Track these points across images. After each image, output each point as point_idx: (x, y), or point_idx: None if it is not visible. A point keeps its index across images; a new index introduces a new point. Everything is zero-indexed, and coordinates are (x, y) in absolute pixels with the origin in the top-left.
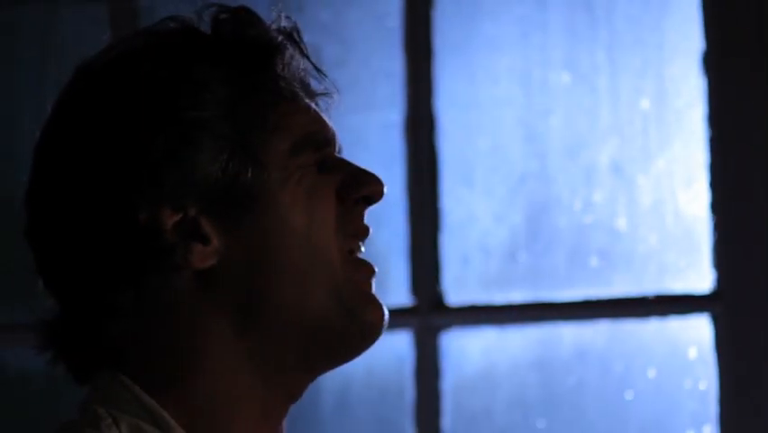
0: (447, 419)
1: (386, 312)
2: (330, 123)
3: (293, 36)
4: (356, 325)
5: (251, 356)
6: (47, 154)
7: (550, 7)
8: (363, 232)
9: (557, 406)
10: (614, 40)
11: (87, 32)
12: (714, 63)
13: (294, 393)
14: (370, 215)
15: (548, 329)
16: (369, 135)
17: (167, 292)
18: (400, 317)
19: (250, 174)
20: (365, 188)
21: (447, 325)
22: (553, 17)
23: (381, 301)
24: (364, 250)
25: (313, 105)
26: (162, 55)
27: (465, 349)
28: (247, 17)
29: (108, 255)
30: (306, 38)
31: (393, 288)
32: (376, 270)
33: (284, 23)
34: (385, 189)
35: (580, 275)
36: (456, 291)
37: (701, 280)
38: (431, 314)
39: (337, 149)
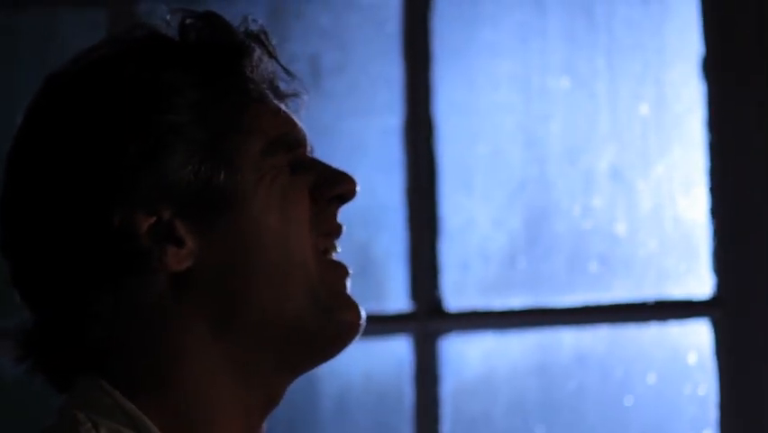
0: (446, 425)
1: (362, 312)
2: (300, 123)
3: (260, 38)
4: (332, 325)
5: (229, 358)
6: (19, 162)
7: (549, 13)
8: (337, 231)
9: (557, 411)
10: (613, 45)
11: (87, 36)
12: (713, 68)
13: (273, 395)
14: (370, 220)
15: (547, 335)
16: (368, 141)
17: (143, 296)
18: (399, 322)
19: (222, 177)
20: (338, 187)
21: (446, 330)
22: (552, 23)
23: (357, 302)
24: (339, 250)
25: (283, 106)
26: (132, 61)
27: (464, 355)
28: (214, 21)
29: (84, 261)
30: (305, 43)
31: (392, 293)
32: (350, 271)
33: (252, 26)
34: (357, 188)
35: (580, 280)
36: (455, 297)
37: (701, 285)
38: (430, 319)
39: (309, 149)
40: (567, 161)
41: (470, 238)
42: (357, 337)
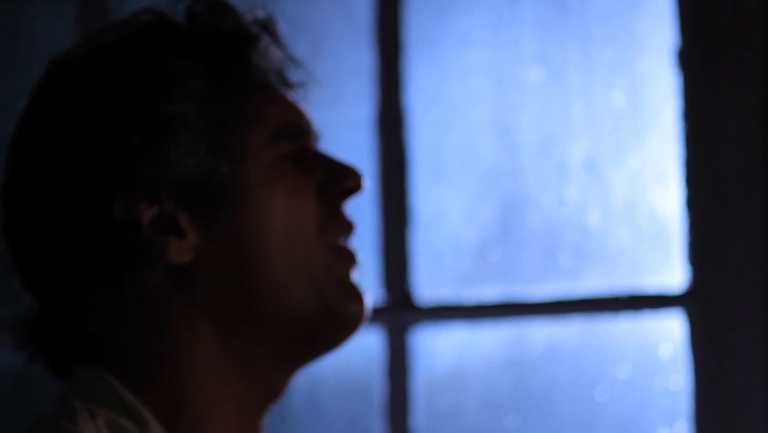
0: (418, 418)
1: (366, 302)
2: (307, 112)
3: (268, 27)
4: (335, 318)
5: (229, 352)
6: (22, 149)
7: (522, 2)
8: (348, 229)
9: (529, 404)
10: (587, 35)
11: (56, 28)
12: (688, 59)
13: (275, 389)
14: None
15: (520, 327)
16: (338, 131)
17: (144, 288)
18: (371, 315)
19: (226, 168)
20: (344, 182)
21: (418, 322)
22: (525, 12)
23: (362, 291)
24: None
25: (289, 95)
26: (137, 48)
27: (436, 347)
28: (221, 8)
29: (85, 251)
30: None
31: (363, 285)
32: (358, 259)
33: (259, 14)
34: (365, 181)
35: (553, 272)
36: (427, 289)
37: (675, 277)
38: (401, 312)
39: (315, 138)
40: (540, 151)
41: (442, 230)
42: (360, 328)
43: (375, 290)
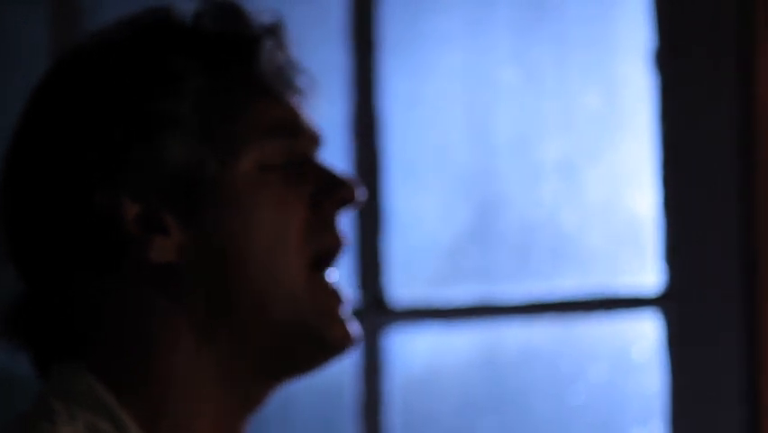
0: (392, 421)
1: (352, 331)
2: (309, 118)
3: (275, 31)
4: (316, 342)
5: (208, 359)
6: (22, 139)
7: (498, 3)
8: (336, 246)
9: (505, 405)
10: (562, 36)
11: (28, 28)
12: (664, 60)
13: (253, 400)
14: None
15: (495, 329)
16: None
17: (126, 285)
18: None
19: (217, 169)
20: (336, 194)
21: (392, 324)
22: (500, 13)
23: (349, 321)
24: (335, 271)
25: (292, 100)
26: (138, 44)
27: (410, 349)
28: (229, 9)
29: (67, 243)
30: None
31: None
32: (344, 298)
33: (268, 18)
34: (359, 194)
35: (528, 273)
36: (401, 290)
37: (651, 278)
38: (376, 313)
39: (314, 142)
40: (515, 153)
41: (417, 231)
42: (344, 355)
43: (349, 291)
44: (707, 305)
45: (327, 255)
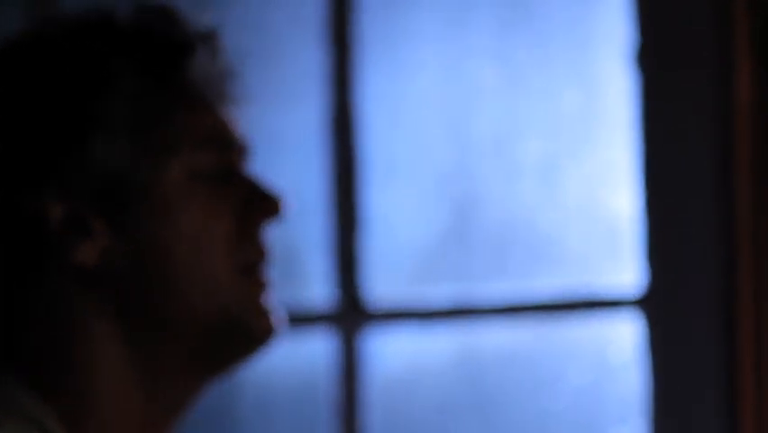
0: (370, 423)
1: (277, 320)
2: (239, 128)
3: (211, 38)
4: (240, 335)
5: (134, 362)
6: None
7: (477, 1)
8: (259, 255)
9: (484, 408)
10: (542, 34)
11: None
12: (645, 59)
13: (181, 402)
14: (290, 214)
15: (474, 330)
16: (289, 131)
17: (49, 288)
18: (321, 318)
19: (146, 174)
20: (261, 206)
21: (370, 325)
22: (479, 11)
23: (273, 309)
24: (266, 276)
25: (223, 109)
26: (72, 44)
27: (388, 350)
28: (167, 14)
29: None
30: (221, 29)
31: (314, 288)
32: (270, 286)
33: (204, 24)
34: (284, 207)
35: (507, 274)
36: (379, 291)
37: (631, 279)
38: (353, 314)
39: (244, 154)
40: (494, 152)
41: (395, 231)
42: (268, 345)
43: (327, 292)
44: (686, 306)
45: (251, 266)
